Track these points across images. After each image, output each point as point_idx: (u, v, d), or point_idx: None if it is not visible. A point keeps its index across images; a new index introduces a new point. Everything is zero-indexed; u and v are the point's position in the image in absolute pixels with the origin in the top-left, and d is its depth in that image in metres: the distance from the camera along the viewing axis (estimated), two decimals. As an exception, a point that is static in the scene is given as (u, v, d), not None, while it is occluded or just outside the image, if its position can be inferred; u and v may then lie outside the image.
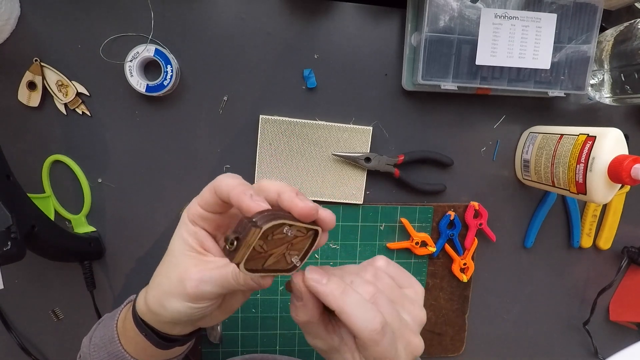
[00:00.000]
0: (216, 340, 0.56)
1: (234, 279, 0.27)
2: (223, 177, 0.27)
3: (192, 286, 0.28)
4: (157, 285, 0.30)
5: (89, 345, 0.35)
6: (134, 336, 0.32)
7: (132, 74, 0.48)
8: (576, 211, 0.61)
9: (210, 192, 0.28)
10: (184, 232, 0.29)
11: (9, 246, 0.36)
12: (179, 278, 0.28)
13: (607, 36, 0.52)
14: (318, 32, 0.52)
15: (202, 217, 0.29)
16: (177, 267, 0.29)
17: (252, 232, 0.22)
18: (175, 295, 0.28)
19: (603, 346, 0.67)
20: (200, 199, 0.29)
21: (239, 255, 0.23)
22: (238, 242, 0.23)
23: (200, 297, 0.28)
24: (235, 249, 0.23)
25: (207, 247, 0.30)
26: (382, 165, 0.54)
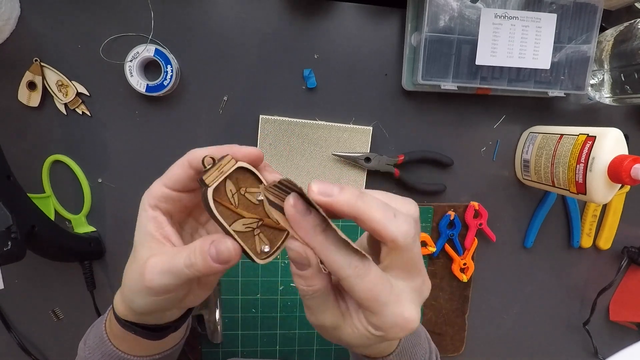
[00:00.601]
0: (216, 340, 0.56)
1: (186, 265, 0.25)
2: (198, 150, 0.26)
3: (149, 279, 0.26)
4: (124, 284, 0.29)
5: (84, 348, 0.35)
6: (124, 335, 0.32)
7: (132, 74, 0.48)
8: (576, 211, 0.61)
9: (181, 167, 0.27)
10: (144, 219, 0.28)
11: (9, 246, 0.36)
12: (139, 272, 0.26)
13: (607, 36, 0.52)
14: (318, 32, 0.52)
15: (167, 198, 0.28)
16: (137, 260, 0.27)
17: (228, 160, 0.24)
18: (138, 291, 0.27)
19: (603, 346, 0.67)
20: (166, 178, 0.28)
21: (211, 176, 0.23)
22: (213, 163, 0.24)
23: (159, 290, 0.26)
24: (209, 169, 0.23)
25: (167, 233, 0.28)
26: (382, 165, 0.54)
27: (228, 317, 0.57)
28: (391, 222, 0.22)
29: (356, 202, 0.22)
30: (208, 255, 0.24)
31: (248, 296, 0.57)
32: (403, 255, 0.23)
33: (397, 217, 0.22)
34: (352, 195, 0.22)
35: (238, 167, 0.25)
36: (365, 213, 0.22)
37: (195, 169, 0.26)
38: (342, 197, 0.22)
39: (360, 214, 0.22)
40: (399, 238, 0.22)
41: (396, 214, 0.23)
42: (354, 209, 0.22)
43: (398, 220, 0.22)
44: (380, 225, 0.22)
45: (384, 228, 0.22)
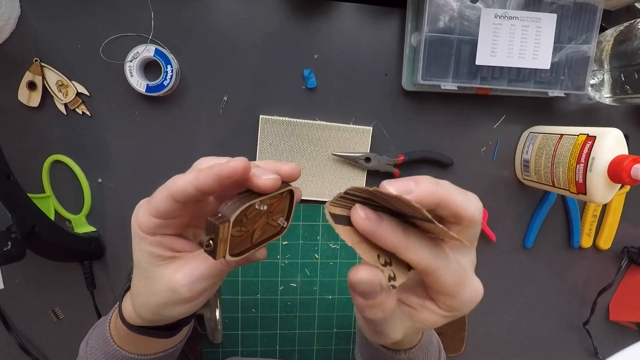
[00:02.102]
0: (216, 340, 0.56)
1: (224, 264, 0.26)
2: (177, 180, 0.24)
3: (187, 290, 0.26)
4: (148, 303, 0.28)
5: (86, 349, 0.35)
6: (132, 337, 0.32)
7: (132, 74, 0.48)
8: (576, 211, 0.61)
9: (166, 201, 0.24)
10: (147, 246, 0.26)
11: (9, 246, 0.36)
12: (168, 289, 0.26)
13: (607, 36, 0.52)
14: (318, 32, 0.52)
15: (160, 226, 0.26)
16: (159, 280, 0.27)
17: (223, 228, 0.22)
18: (172, 304, 0.27)
19: (603, 346, 0.67)
20: (153, 210, 0.25)
21: (220, 252, 0.23)
22: (214, 242, 0.22)
23: (198, 296, 0.27)
24: (214, 248, 0.23)
25: (178, 248, 0.27)
26: (382, 165, 0.54)
27: (228, 317, 0.57)
28: (469, 202, 0.23)
29: (437, 189, 0.22)
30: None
31: (248, 296, 0.57)
32: (475, 231, 0.24)
33: (468, 195, 0.23)
34: (432, 184, 0.22)
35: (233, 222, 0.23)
36: (447, 198, 0.22)
37: (180, 202, 0.24)
38: (423, 189, 0.21)
39: (442, 200, 0.22)
40: (476, 215, 0.23)
41: (468, 193, 0.24)
42: (436, 197, 0.22)
43: (471, 199, 0.23)
44: (462, 206, 0.22)
45: (465, 209, 0.22)
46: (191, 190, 0.23)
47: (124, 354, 0.33)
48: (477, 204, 0.23)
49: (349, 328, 0.60)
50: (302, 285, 0.58)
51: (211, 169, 0.23)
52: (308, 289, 0.58)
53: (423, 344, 0.36)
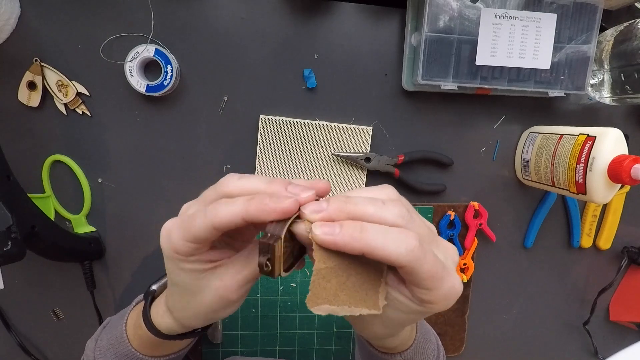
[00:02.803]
0: (216, 340, 0.56)
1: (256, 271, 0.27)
2: (220, 211, 0.23)
3: (236, 295, 0.27)
4: (197, 314, 0.29)
5: (94, 349, 0.35)
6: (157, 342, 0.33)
7: (132, 74, 0.48)
8: (576, 211, 0.61)
9: (207, 230, 0.24)
10: (187, 266, 0.26)
11: (9, 246, 0.36)
12: (218, 297, 0.27)
13: (607, 36, 0.52)
14: (318, 32, 0.52)
15: (195, 250, 0.25)
16: (207, 292, 0.27)
17: (277, 247, 0.23)
18: (222, 309, 0.28)
19: (603, 346, 0.67)
20: (190, 236, 0.24)
21: (277, 270, 0.24)
22: (270, 262, 0.23)
23: (244, 296, 0.29)
24: (272, 268, 0.24)
25: (216, 258, 0.27)
26: (382, 165, 0.54)
27: (228, 317, 0.57)
28: (385, 211, 0.22)
29: (346, 206, 0.23)
30: None
31: (248, 296, 0.57)
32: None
33: (385, 204, 0.23)
34: (340, 202, 0.23)
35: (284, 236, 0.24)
36: (356, 213, 0.22)
37: (222, 231, 0.24)
38: (331, 207, 0.23)
39: (354, 215, 0.22)
40: (398, 220, 0.22)
41: (384, 201, 0.23)
42: (346, 214, 0.23)
43: (387, 206, 0.23)
44: (375, 217, 0.22)
45: (381, 219, 0.22)
46: (238, 221, 0.23)
47: (138, 355, 0.34)
48: (394, 209, 0.22)
49: (349, 328, 0.60)
50: (302, 285, 0.58)
51: (263, 204, 0.23)
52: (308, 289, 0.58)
53: (418, 345, 0.36)
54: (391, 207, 0.23)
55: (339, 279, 0.23)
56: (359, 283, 0.23)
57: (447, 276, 0.23)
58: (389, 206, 0.23)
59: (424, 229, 0.24)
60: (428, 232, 0.24)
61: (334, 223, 0.22)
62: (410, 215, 0.23)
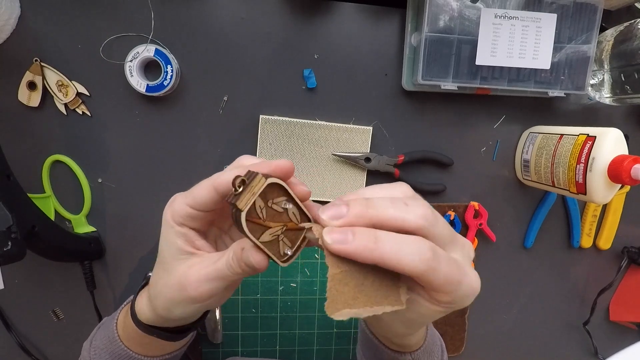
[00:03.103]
0: (216, 340, 0.56)
1: (228, 268, 0.26)
2: (223, 174, 0.26)
3: (193, 289, 0.27)
4: (160, 294, 0.29)
5: (89, 349, 0.35)
6: (141, 338, 0.33)
7: (132, 74, 0.48)
8: (576, 211, 0.61)
9: (207, 190, 0.26)
10: (172, 236, 0.28)
11: (9, 246, 0.36)
12: (178, 284, 0.27)
13: (607, 36, 0.52)
14: (318, 32, 0.52)
15: (192, 217, 0.27)
16: (173, 273, 0.28)
17: (259, 179, 0.23)
18: (180, 301, 0.28)
19: (603, 346, 0.67)
20: (191, 199, 0.27)
21: (243, 200, 0.23)
22: (244, 185, 0.23)
23: (204, 297, 0.28)
24: (240, 192, 0.23)
25: (198, 246, 0.29)
26: (382, 165, 0.54)
27: (228, 317, 0.57)
28: (408, 212, 0.21)
29: (367, 211, 0.22)
30: (242, 260, 0.25)
31: (248, 296, 0.57)
32: (435, 235, 0.22)
33: (408, 204, 0.22)
34: (361, 206, 0.22)
35: (268, 184, 0.24)
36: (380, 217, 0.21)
37: (221, 194, 0.26)
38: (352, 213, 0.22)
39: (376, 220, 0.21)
40: (420, 222, 0.21)
41: (406, 202, 0.22)
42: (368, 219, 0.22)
43: (412, 207, 0.22)
44: (398, 221, 0.21)
45: (405, 221, 0.21)
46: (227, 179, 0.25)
47: (131, 354, 0.33)
48: (418, 210, 0.22)
49: (349, 328, 0.60)
50: (302, 285, 0.58)
51: (259, 165, 0.25)
52: (308, 289, 0.58)
53: (427, 345, 0.36)
54: (415, 207, 0.22)
55: (356, 281, 0.22)
56: (377, 282, 0.23)
57: (464, 277, 0.22)
58: (413, 207, 0.22)
59: (445, 229, 0.23)
60: (448, 233, 0.23)
61: (347, 229, 0.21)
62: (433, 215, 0.22)
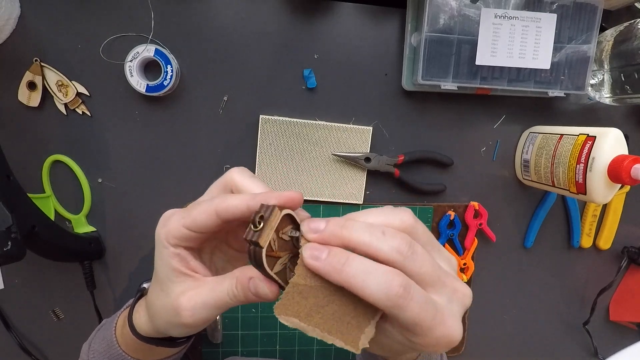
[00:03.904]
0: (216, 340, 0.56)
1: (230, 297, 0.25)
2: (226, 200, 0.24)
3: (188, 316, 0.26)
4: (158, 315, 0.29)
5: (88, 352, 0.36)
6: (139, 345, 0.33)
7: (132, 74, 0.48)
8: (576, 211, 0.61)
9: (208, 215, 0.25)
10: (166, 257, 0.27)
11: (9, 246, 0.36)
12: (173, 309, 0.26)
13: (607, 36, 0.52)
14: (318, 32, 0.52)
15: (188, 238, 0.26)
16: (169, 295, 0.27)
17: (275, 213, 0.23)
18: (175, 325, 0.27)
19: (603, 346, 0.67)
20: (190, 221, 0.25)
21: (264, 237, 0.22)
22: (263, 221, 0.22)
23: (199, 324, 0.27)
24: (261, 229, 0.22)
25: (193, 267, 0.27)
26: (382, 165, 0.54)
27: (228, 317, 0.57)
28: (381, 242, 0.21)
29: (341, 231, 0.22)
30: (249, 290, 0.24)
31: (248, 296, 0.57)
32: (411, 271, 0.21)
33: (385, 234, 0.21)
34: (336, 225, 0.22)
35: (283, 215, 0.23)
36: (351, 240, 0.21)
37: (223, 220, 0.25)
38: (327, 230, 0.22)
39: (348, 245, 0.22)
40: (393, 255, 0.21)
41: (384, 231, 0.21)
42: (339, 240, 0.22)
43: (387, 237, 0.21)
44: (370, 248, 0.21)
45: (377, 251, 0.21)
46: (244, 209, 0.24)
47: (128, 359, 0.33)
48: (392, 242, 0.21)
49: (349, 328, 0.60)
50: (302, 285, 0.58)
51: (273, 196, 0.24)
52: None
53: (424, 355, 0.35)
54: (390, 238, 0.21)
55: (317, 301, 0.22)
56: (340, 313, 0.22)
57: (439, 325, 0.21)
58: (388, 237, 0.21)
59: (425, 267, 0.22)
60: (431, 271, 0.22)
61: (323, 247, 0.22)
62: (411, 250, 0.21)
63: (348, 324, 0.22)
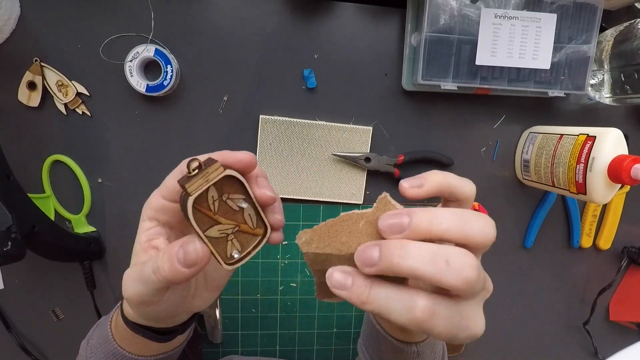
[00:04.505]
0: (216, 340, 0.56)
1: (153, 273, 0.24)
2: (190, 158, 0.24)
3: (124, 289, 0.26)
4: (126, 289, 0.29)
5: (87, 348, 0.36)
6: (131, 337, 0.32)
7: (132, 74, 0.48)
8: (576, 211, 0.61)
9: (175, 177, 0.26)
10: (139, 231, 0.28)
11: (9, 246, 0.36)
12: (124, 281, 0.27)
13: (607, 36, 0.52)
14: (318, 32, 0.52)
15: (164, 209, 0.27)
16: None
17: (216, 167, 0.22)
18: (128, 300, 0.27)
19: (603, 346, 0.67)
20: (163, 189, 0.27)
21: (194, 185, 0.22)
22: (199, 170, 0.22)
23: (135, 300, 0.26)
24: (193, 176, 0.22)
25: (156, 245, 0.27)
26: (382, 165, 0.54)
27: (228, 317, 0.57)
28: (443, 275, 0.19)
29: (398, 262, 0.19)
30: (175, 258, 0.23)
31: (248, 296, 0.57)
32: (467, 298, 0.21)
33: (450, 265, 0.19)
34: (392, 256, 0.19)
35: (225, 175, 0.23)
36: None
37: None
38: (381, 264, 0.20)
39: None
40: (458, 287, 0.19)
41: (449, 261, 0.19)
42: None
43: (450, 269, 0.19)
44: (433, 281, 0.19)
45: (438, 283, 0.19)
46: None
47: (124, 353, 0.33)
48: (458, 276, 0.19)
49: (349, 328, 0.60)
50: (302, 285, 0.58)
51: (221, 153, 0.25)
52: (308, 289, 0.58)
53: (431, 340, 0.37)
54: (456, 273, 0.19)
55: None
56: None
57: (464, 330, 0.21)
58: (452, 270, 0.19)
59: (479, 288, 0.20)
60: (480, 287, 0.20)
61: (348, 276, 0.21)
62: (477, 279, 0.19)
63: None
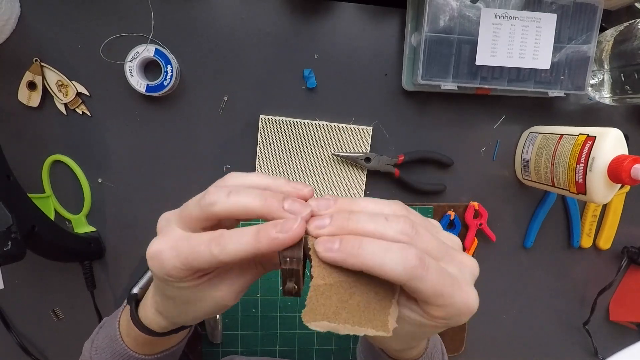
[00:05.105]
0: (216, 340, 0.56)
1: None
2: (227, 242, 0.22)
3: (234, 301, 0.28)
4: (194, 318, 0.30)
5: (90, 349, 0.36)
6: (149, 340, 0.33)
7: (132, 74, 0.48)
8: (576, 211, 0.61)
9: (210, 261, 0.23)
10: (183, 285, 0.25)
11: (9, 246, 0.36)
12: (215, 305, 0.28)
13: (607, 36, 0.52)
14: (318, 32, 0.52)
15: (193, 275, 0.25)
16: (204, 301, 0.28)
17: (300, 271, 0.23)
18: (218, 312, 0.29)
19: (603, 346, 0.67)
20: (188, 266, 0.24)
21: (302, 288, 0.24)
22: (297, 284, 0.24)
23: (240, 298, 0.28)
24: (299, 289, 0.24)
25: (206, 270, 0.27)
26: (382, 165, 0.54)
27: (228, 317, 0.57)
28: (386, 228, 0.22)
29: (348, 224, 0.22)
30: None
31: (248, 296, 0.57)
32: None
33: (388, 220, 0.22)
34: (342, 219, 0.22)
35: None
36: (357, 231, 0.22)
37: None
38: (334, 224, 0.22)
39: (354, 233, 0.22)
40: (399, 237, 0.21)
41: (387, 217, 0.22)
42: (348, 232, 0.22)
43: (390, 222, 0.22)
44: (376, 235, 0.22)
45: (382, 236, 0.21)
46: (248, 256, 0.22)
47: (132, 354, 0.34)
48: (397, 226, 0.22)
49: (349, 328, 0.60)
50: (302, 285, 0.58)
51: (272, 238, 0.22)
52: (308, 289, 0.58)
53: (429, 352, 0.36)
54: (394, 223, 0.22)
55: (340, 297, 0.22)
56: (364, 302, 0.22)
57: (458, 291, 0.22)
58: (392, 222, 0.22)
59: (432, 244, 0.22)
60: (437, 247, 0.23)
61: (334, 238, 0.22)
62: (415, 231, 0.22)
63: (374, 311, 0.22)
